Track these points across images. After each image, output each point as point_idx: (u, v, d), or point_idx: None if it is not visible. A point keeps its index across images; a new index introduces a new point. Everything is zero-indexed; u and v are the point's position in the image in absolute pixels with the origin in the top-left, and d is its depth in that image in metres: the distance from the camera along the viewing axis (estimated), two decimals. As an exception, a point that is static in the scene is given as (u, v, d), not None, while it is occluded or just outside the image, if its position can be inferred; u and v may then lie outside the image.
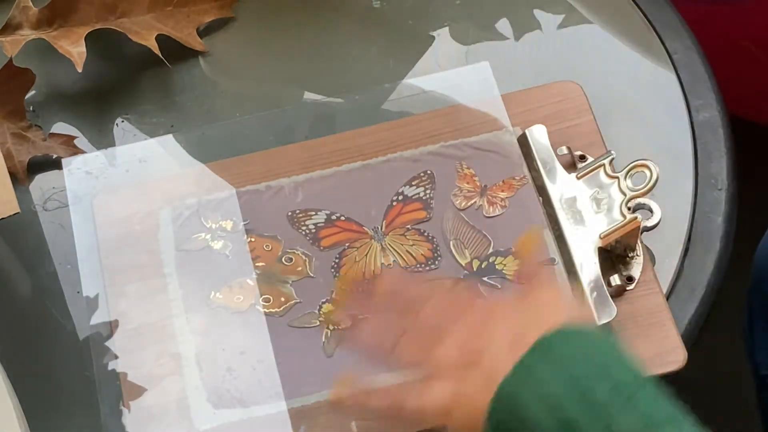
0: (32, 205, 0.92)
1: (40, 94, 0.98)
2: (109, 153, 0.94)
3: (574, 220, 0.86)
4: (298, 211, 0.89)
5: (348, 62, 0.99)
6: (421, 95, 0.95)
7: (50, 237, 0.90)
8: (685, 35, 0.97)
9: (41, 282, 0.89)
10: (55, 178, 0.93)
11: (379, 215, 0.89)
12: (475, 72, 0.95)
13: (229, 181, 0.91)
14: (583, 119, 0.92)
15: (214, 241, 0.88)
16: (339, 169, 0.91)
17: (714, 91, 0.94)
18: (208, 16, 1.00)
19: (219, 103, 0.98)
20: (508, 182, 0.89)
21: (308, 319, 0.85)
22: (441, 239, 0.87)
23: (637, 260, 0.85)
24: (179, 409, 0.81)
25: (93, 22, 0.97)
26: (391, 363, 0.74)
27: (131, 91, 0.98)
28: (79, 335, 0.85)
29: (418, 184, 0.90)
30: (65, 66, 0.95)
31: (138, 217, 0.89)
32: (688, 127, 0.93)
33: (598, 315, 0.82)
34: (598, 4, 1.00)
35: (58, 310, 0.87)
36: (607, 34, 0.99)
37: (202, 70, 0.99)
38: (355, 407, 0.76)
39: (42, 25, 0.96)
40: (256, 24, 1.01)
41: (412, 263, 0.87)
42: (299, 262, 0.87)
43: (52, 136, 0.95)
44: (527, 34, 0.99)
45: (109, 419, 0.81)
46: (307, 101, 0.97)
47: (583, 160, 0.89)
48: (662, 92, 0.95)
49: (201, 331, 0.85)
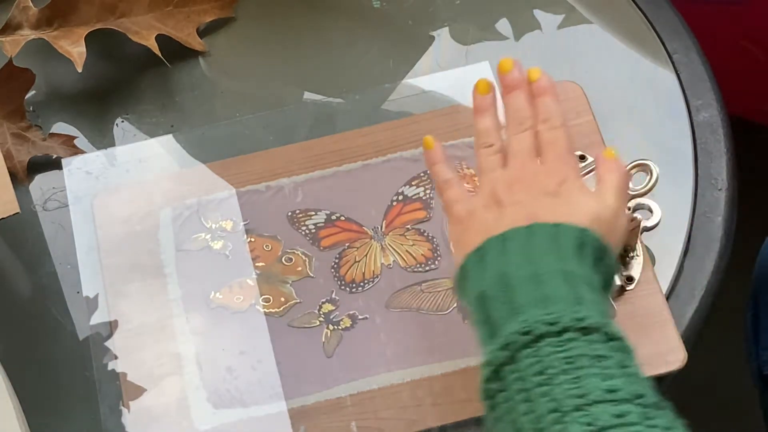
0: (32, 205, 0.92)
1: (40, 94, 0.98)
2: (109, 153, 0.94)
3: (574, 220, 0.85)
4: (298, 211, 0.89)
5: (348, 62, 0.99)
6: (421, 95, 0.95)
7: (50, 237, 0.90)
8: (685, 35, 0.97)
9: (41, 282, 0.89)
10: (55, 178, 0.93)
11: (379, 215, 0.89)
12: (475, 72, 0.95)
13: (229, 181, 0.91)
14: (583, 119, 0.92)
15: (214, 241, 0.88)
16: (339, 169, 0.91)
17: (714, 91, 0.94)
18: (208, 16, 1.00)
19: (219, 103, 0.98)
20: (508, 182, 0.89)
21: (308, 319, 0.85)
22: (441, 239, 0.87)
23: (637, 260, 0.85)
24: (179, 409, 0.81)
25: (93, 22, 0.97)
26: None
27: (131, 91, 0.98)
28: (79, 335, 0.85)
29: (418, 184, 0.90)
30: (65, 66, 0.95)
31: (138, 217, 0.90)
32: (688, 127, 0.92)
33: (598, 315, 0.82)
34: (598, 4, 1.00)
35: (58, 310, 0.87)
36: (607, 34, 0.99)
37: (202, 70, 0.99)
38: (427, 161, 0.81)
39: (42, 25, 0.96)
40: (256, 24, 1.01)
41: (412, 263, 0.87)
42: (299, 262, 0.87)
43: (52, 136, 0.95)
44: (527, 34, 0.99)
45: (109, 419, 0.81)
46: (307, 101, 0.97)
47: (583, 160, 0.89)
48: (662, 92, 0.95)
49: (201, 331, 0.85)
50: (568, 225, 0.71)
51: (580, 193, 0.74)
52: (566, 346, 0.65)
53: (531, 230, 0.71)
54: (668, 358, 0.81)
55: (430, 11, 1.01)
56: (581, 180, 0.75)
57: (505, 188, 0.74)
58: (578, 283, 0.69)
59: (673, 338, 0.82)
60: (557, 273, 0.68)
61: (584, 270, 0.70)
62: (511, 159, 0.76)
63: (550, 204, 0.73)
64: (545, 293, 0.67)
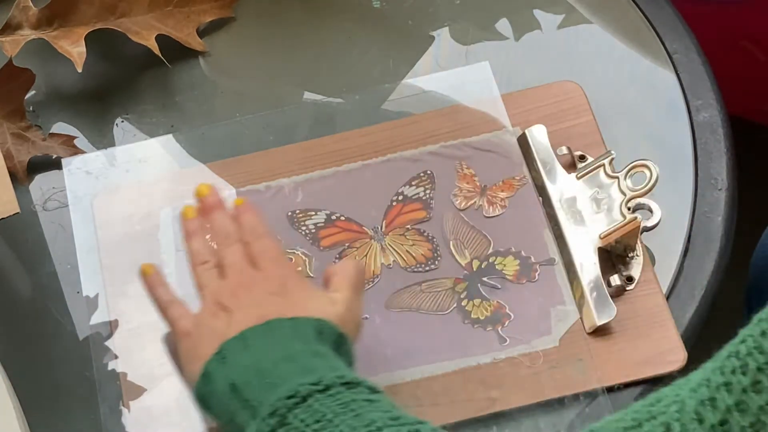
0: (32, 205, 0.92)
1: (40, 94, 0.98)
2: (109, 153, 0.94)
3: (574, 220, 0.86)
4: (298, 211, 0.89)
5: (348, 62, 0.99)
6: (421, 95, 0.95)
7: (50, 237, 0.90)
8: (685, 35, 0.97)
9: (41, 282, 0.89)
10: (55, 178, 0.93)
11: (379, 215, 0.89)
12: (475, 72, 0.95)
13: (229, 181, 0.91)
14: (583, 119, 0.92)
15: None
16: (339, 169, 0.91)
17: (714, 91, 0.94)
18: (208, 16, 1.00)
19: (219, 103, 0.98)
20: (508, 182, 0.89)
21: (308, 319, 0.85)
22: (441, 239, 0.87)
23: (637, 260, 0.85)
24: (179, 409, 0.81)
25: (93, 22, 0.97)
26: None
27: (131, 91, 0.98)
28: (79, 335, 0.85)
29: (418, 184, 0.90)
30: (65, 66, 0.95)
31: (138, 217, 0.89)
32: (688, 127, 0.92)
33: (598, 315, 0.82)
34: (598, 4, 1.00)
35: (58, 310, 0.87)
36: (607, 34, 0.99)
37: (202, 70, 0.99)
38: (146, 287, 0.80)
39: (42, 25, 0.96)
40: (256, 24, 1.01)
41: (412, 263, 0.87)
42: (299, 262, 0.87)
43: (52, 136, 0.95)
44: (527, 34, 0.99)
45: (109, 419, 0.81)
46: (307, 101, 0.97)
47: (583, 160, 0.89)
48: (662, 92, 0.95)
49: (201, 331, 0.85)
50: (304, 317, 0.72)
51: (305, 292, 0.75)
52: (335, 397, 0.66)
53: (269, 326, 0.71)
54: (668, 358, 0.81)
55: (430, 11, 1.01)
56: (303, 280, 0.77)
57: (229, 296, 0.75)
58: (329, 357, 0.70)
59: (673, 338, 0.82)
60: (307, 352, 0.69)
61: (328, 350, 0.71)
62: (228, 270, 0.77)
63: (278, 303, 0.73)
64: (302, 366, 0.68)
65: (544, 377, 0.81)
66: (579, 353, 0.81)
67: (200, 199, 0.81)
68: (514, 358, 0.82)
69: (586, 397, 0.80)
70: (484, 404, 0.80)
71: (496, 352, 0.82)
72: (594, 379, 0.80)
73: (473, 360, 0.82)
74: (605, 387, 0.80)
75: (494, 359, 0.82)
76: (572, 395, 0.80)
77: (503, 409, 0.80)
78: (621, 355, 0.81)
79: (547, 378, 0.81)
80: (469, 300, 0.85)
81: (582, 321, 0.83)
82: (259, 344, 0.70)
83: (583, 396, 0.80)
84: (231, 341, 0.71)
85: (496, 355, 0.82)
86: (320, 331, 0.72)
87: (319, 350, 0.70)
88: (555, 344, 0.82)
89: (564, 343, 0.82)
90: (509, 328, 0.83)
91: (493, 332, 0.83)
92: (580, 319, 0.83)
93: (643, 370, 0.81)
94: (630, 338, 0.82)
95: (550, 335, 0.83)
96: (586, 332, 0.82)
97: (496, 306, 0.84)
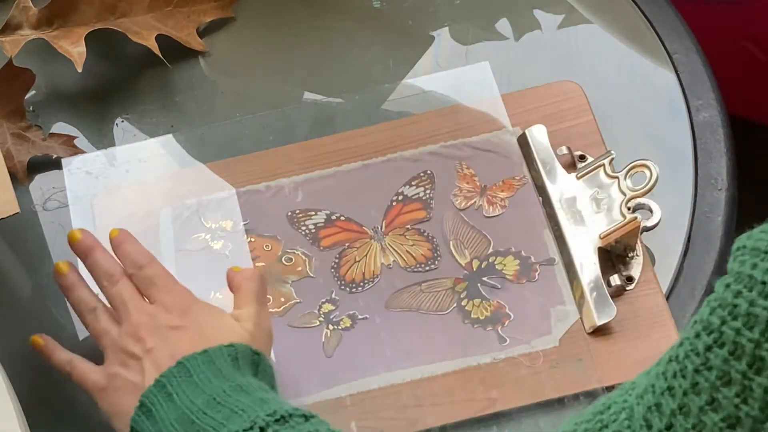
0: (32, 205, 0.92)
1: (40, 94, 0.98)
2: (109, 153, 0.94)
3: (574, 220, 0.86)
4: (298, 211, 0.89)
5: (348, 62, 0.99)
6: (421, 95, 0.95)
7: (50, 237, 0.90)
8: (685, 35, 0.97)
9: (41, 282, 0.89)
10: (55, 178, 0.93)
11: (379, 215, 0.89)
12: (475, 72, 0.95)
13: (229, 181, 0.91)
14: (583, 119, 0.92)
15: (214, 241, 0.88)
16: (339, 169, 0.91)
17: (714, 91, 0.94)
18: (208, 16, 1.00)
19: (219, 103, 0.98)
20: (508, 182, 0.89)
21: (308, 319, 0.85)
22: (441, 239, 0.87)
23: (637, 260, 0.85)
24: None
25: (93, 22, 0.97)
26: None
27: (131, 91, 0.98)
28: (79, 335, 0.85)
29: (418, 184, 0.90)
30: (65, 66, 0.95)
31: (138, 217, 0.89)
32: (688, 127, 0.92)
33: (598, 315, 0.82)
34: (598, 4, 1.00)
35: (58, 310, 0.87)
36: (607, 34, 0.99)
37: (202, 70, 0.99)
38: (44, 354, 0.79)
39: (42, 25, 0.96)
40: (256, 24, 1.01)
41: (412, 263, 0.87)
42: (299, 262, 0.87)
43: (52, 136, 0.95)
44: (527, 34, 0.99)
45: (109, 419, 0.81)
46: (307, 101, 0.97)
47: (583, 160, 0.89)
48: (662, 92, 0.95)
49: (201, 331, 0.85)
50: (216, 347, 0.71)
51: (209, 315, 0.74)
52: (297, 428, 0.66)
53: (183, 366, 0.70)
54: (668, 358, 0.81)
55: (430, 11, 1.01)
56: (201, 302, 0.76)
57: (132, 341, 0.73)
58: (253, 389, 0.69)
59: (673, 338, 0.82)
60: (231, 390, 0.69)
61: (249, 380, 0.70)
62: (121, 312, 0.75)
63: (185, 337, 0.72)
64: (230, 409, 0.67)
65: (544, 377, 0.81)
66: (579, 353, 0.81)
67: (74, 245, 0.79)
68: (514, 358, 0.82)
69: (586, 397, 0.80)
70: (484, 404, 0.80)
71: (496, 352, 0.82)
72: (594, 379, 0.80)
73: (473, 360, 0.82)
74: (605, 387, 0.80)
75: (494, 359, 0.82)
76: (572, 395, 0.80)
77: (503, 409, 0.80)
78: (621, 355, 0.81)
79: (547, 378, 0.81)
80: (469, 300, 0.85)
81: (582, 321, 0.83)
82: (180, 389, 0.69)
83: (583, 396, 0.80)
84: (150, 391, 0.70)
85: (496, 355, 0.82)
86: (235, 357, 0.71)
87: (241, 384, 0.69)
88: (555, 344, 0.82)
89: (564, 343, 0.82)
90: (509, 328, 0.83)
91: (493, 332, 0.83)
92: (580, 319, 0.83)
93: (643, 370, 0.81)
94: (630, 338, 0.82)
95: (550, 335, 0.83)
96: (586, 332, 0.82)
97: (496, 306, 0.84)
